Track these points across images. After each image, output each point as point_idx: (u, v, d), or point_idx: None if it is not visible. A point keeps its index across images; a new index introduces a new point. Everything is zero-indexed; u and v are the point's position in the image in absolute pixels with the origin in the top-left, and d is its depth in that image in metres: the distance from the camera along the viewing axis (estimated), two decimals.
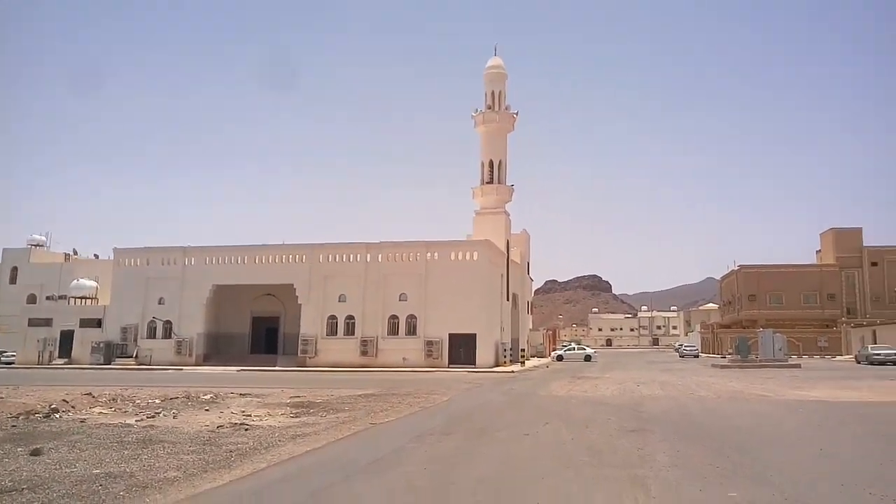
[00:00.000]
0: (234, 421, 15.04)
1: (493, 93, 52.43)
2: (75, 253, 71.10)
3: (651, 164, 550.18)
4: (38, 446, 10.33)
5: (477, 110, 52.16)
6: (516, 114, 52.50)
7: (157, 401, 19.99)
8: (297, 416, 16.34)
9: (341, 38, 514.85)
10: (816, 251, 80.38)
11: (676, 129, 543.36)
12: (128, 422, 14.92)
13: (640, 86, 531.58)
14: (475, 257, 42.71)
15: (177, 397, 20.88)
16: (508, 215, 51.00)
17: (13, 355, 49.64)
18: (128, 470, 8.80)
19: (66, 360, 47.67)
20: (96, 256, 67.95)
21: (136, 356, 46.36)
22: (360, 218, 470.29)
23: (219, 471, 8.88)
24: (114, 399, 19.97)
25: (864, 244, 74.61)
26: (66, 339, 48.54)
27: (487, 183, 50.74)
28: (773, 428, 13.71)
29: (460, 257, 42.94)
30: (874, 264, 73.28)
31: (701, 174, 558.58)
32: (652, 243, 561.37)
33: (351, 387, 26.02)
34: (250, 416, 16.68)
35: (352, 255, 44.44)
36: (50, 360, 47.85)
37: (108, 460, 9.50)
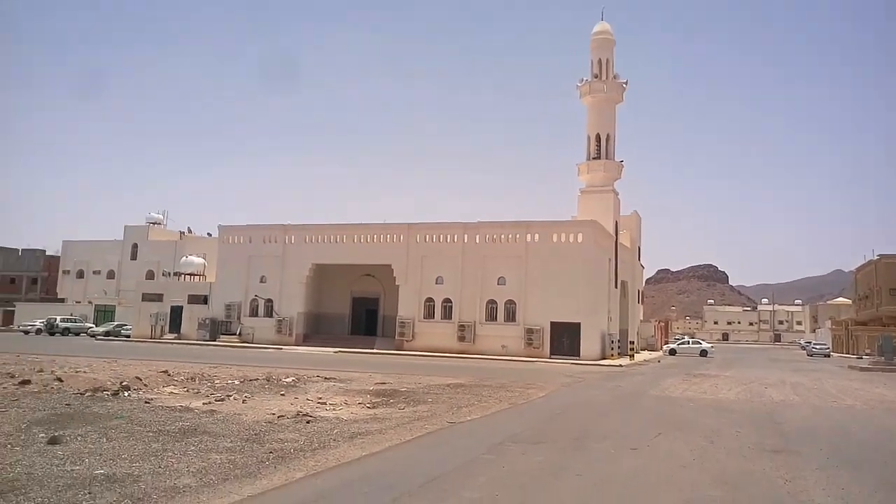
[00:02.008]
0: (301, 410, 13.59)
1: (599, 60, 48.76)
2: (190, 231, 74.09)
3: (775, 143, 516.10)
4: (60, 433, 9.11)
5: (582, 80, 48.74)
6: (625, 83, 48.63)
7: (235, 382, 19.09)
8: (373, 407, 14.77)
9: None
10: None
11: (803, 105, 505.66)
12: (192, 404, 13.83)
13: (765, 55, 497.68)
14: (580, 239, 39.80)
15: (257, 379, 19.90)
16: (617, 194, 47.48)
17: (130, 328, 51.85)
18: (138, 471, 7.29)
19: (175, 334, 49.05)
20: (209, 235, 70.25)
21: (240, 334, 46.92)
22: (460, 198, 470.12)
23: (243, 479, 7.20)
24: (191, 378, 19.18)
25: None
26: (176, 314, 49.95)
27: (594, 159, 47.30)
28: None
29: (563, 239, 40.15)
30: None
31: (830, 154, 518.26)
32: (774, 231, 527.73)
33: (442, 374, 24.40)
34: (325, 403, 15.32)
35: (449, 236, 42.64)
36: (161, 335, 49.42)
37: (126, 456, 8.08)
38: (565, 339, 39.19)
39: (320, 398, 16.30)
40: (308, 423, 11.73)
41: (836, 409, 16.60)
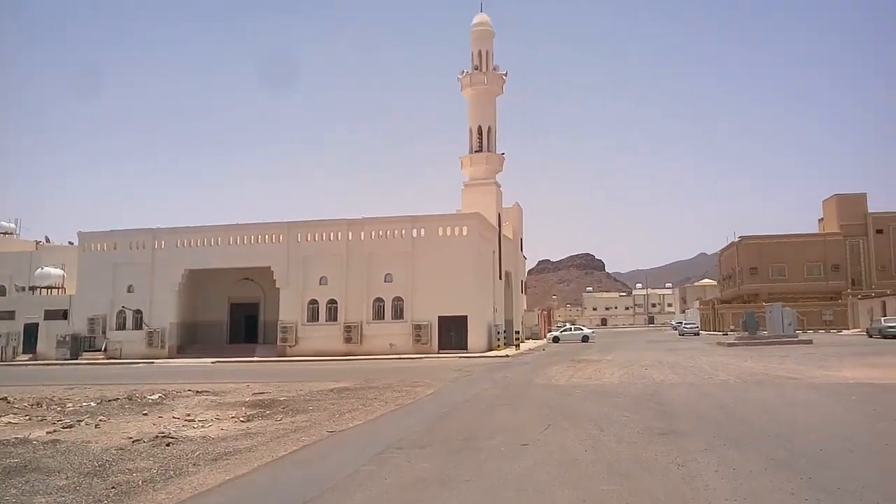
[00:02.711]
0: (164, 430, 12.21)
1: (480, 52, 48.96)
2: (48, 240, 67.73)
3: (641, 135, 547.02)
4: None
5: (463, 72, 48.81)
6: (505, 75, 49.10)
7: (91, 404, 17.14)
8: (247, 420, 13.58)
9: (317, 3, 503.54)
10: (819, 220, 77.79)
11: (668, 98, 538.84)
12: (32, 435, 12.07)
13: (633, 52, 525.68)
14: (465, 232, 39.69)
15: (117, 399, 18.00)
16: (499, 187, 47.90)
17: None
18: None
19: (31, 355, 44.54)
20: (71, 244, 64.63)
21: (105, 349, 43.24)
22: (342, 195, 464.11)
23: None
24: (38, 404, 17.04)
25: (869, 210, 71.93)
26: (31, 332, 45.39)
27: (476, 151, 47.45)
28: (834, 423, 10.96)
29: (449, 232, 39.90)
30: (879, 232, 70.71)
31: (692, 145, 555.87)
32: (643, 220, 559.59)
33: (327, 379, 23.29)
34: (193, 420, 13.96)
35: (332, 234, 41.27)
36: (13, 357, 44.68)
37: None
38: (453, 332, 39.01)
39: (188, 415, 14.86)
40: (168, 445, 10.43)
41: (713, 386, 17.08)
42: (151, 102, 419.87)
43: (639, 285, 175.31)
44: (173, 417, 14.54)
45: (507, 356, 35.88)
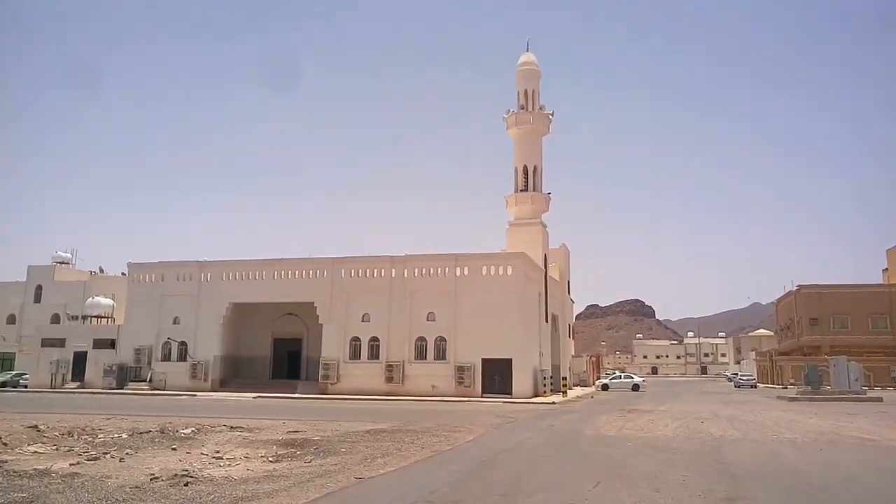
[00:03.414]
0: (188, 468, 11.58)
1: (525, 92, 48.70)
2: (101, 271, 69.48)
3: (693, 179, 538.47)
4: None
5: (509, 111, 48.51)
6: (552, 114, 48.63)
7: (123, 435, 16.72)
8: (276, 461, 12.86)
9: (357, 34, 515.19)
10: (883, 270, 74.09)
11: (723, 141, 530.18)
12: (54, 466, 11.60)
13: (687, 95, 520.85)
14: (509, 272, 38.76)
15: (150, 431, 17.55)
16: (545, 227, 46.96)
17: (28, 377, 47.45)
18: None
19: (78, 383, 45.09)
20: (123, 275, 66.09)
21: (150, 380, 43.46)
22: (386, 232, 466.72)
23: None
24: (69, 433, 16.69)
25: None
26: (80, 360, 46.01)
27: (522, 191, 46.79)
28: None
29: (493, 272, 39.02)
30: None
31: (746, 192, 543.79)
32: (695, 267, 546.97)
33: (365, 419, 22.50)
34: (221, 458, 13.32)
35: (375, 270, 40.85)
36: (63, 384, 45.32)
37: None
38: (497, 376, 37.81)
39: (217, 452, 14.25)
40: (186, 485, 9.76)
41: (779, 444, 15.65)
42: (198, 137, 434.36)
43: (690, 333, 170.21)
44: (202, 454, 13.95)
45: (553, 403, 34.47)
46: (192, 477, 10.48)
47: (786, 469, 11.69)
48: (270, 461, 12.97)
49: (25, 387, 46.42)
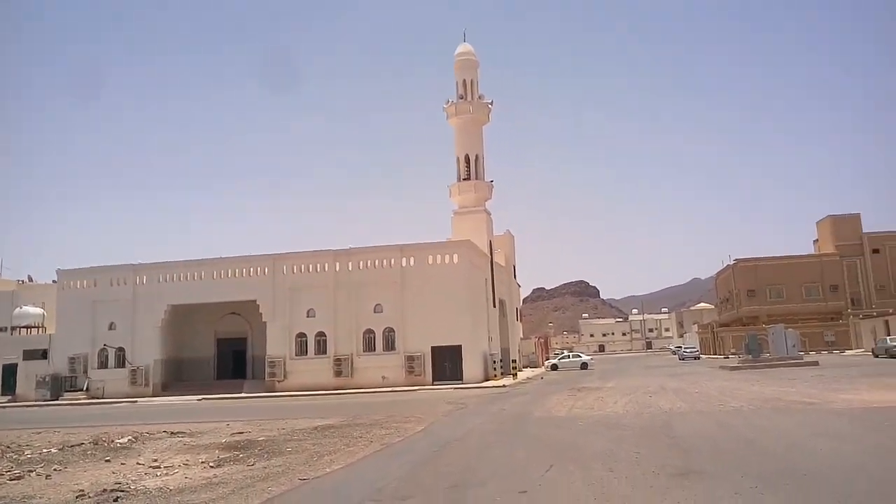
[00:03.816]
0: (121, 481, 10.89)
1: (464, 82, 48.45)
2: (30, 279, 66.20)
3: (630, 159, 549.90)
4: None
5: (448, 101, 48.20)
6: (491, 103, 48.55)
7: (52, 450, 15.73)
8: (217, 466, 12.25)
9: (305, 32, 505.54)
10: (814, 241, 77.03)
11: (657, 122, 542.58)
12: None
13: (621, 75, 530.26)
14: (455, 260, 38.53)
15: (81, 444, 16.58)
16: (489, 214, 46.93)
17: None
18: None
19: (10, 397, 42.84)
20: (54, 283, 63.18)
21: (87, 389, 41.62)
22: (330, 227, 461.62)
23: None
24: None
25: (864, 231, 71.28)
26: (10, 373, 43.77)
27: (465, 180, 46.61)
28: (882, 457, 9.71)
29: (439, 261, 38.71)
30: (876, 251, 69.92)
31: (683, 169, 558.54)
32: (635, 245, 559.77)
33: (313, 415, 21.90)
34: (158, 467, 12.63)
35: (319, 265, 39.99)
36: None
37: None
38: (447, 363, 37.63)
39: (155, 461, 13.51)
40: (115, 501, 9.11)
41: (725, 413, 15.82)
42: (131, 137, 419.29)
43: (634, 311, 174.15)
44: (137, 464, 13.21)
45: (504, 386, 34.48)
46: (122, 491, 9.81)
47: (734, 438, 11.73)
48: (211, 467, 12.35)
49: None
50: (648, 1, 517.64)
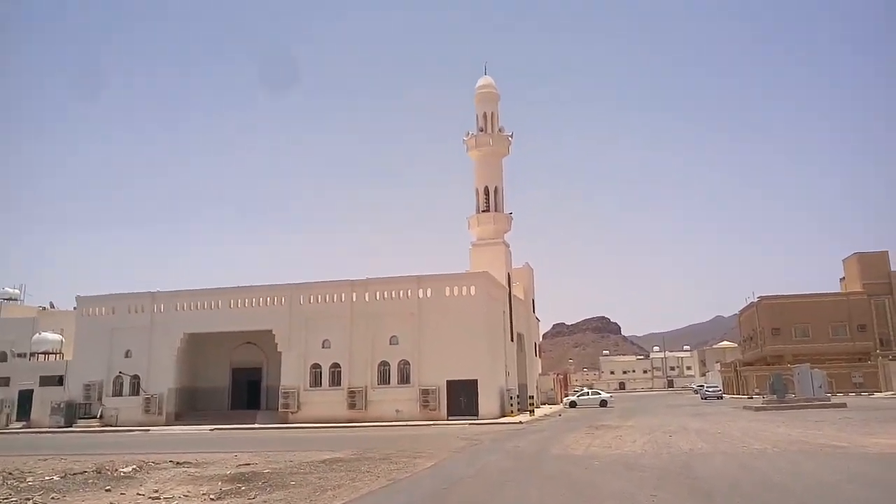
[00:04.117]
0: None
1: (484, 114, 48.52)
2: (52, 306, 66.71)
3: (653, 195, 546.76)
4: None
5: (468, 133, 48.23)
6: (511, 136, 48.52)
7: (55, 478, 15.44)
8: (217, 499, 11.92)
9: (320, 56, 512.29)
10: (840, 279, 75.44)
11: (682, 155, 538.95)
12: None
13: (644, 109, 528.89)
14: (473, 292, 38.04)
15: (84, 472, 16.26)
16: (508, 246, 46.52)
17: None
18: None
19: (24, 423, 42.79)
20: (75, 309, 63.61)
21: (101, 416, 41.44)
22: (346, 258, 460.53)
23: None
24: None
25: (893, 269, 69.64)
26: (26, 399, 43.77)
27: (483, 211, 46.36)
28: None
29: (456, 292, 38.24)
30: None
31: (707, 205, 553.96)
32: (657, 282, 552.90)
33: (323, 448, 21.44)
34: (159, 498, 12.35)
35: (335, 296, 39.73)
36: (7, 424, 42.95)
37: None
38: (463, 397, 36.91)
39: (156, 491, 13.17)
40: None
41: (749, 456, 15.12)
42: (148, 162, 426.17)
43: (656, 348, 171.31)
44: (138, 494, 12.89)
45: (520, 423, 33.71)
46: None
47: (759, 482, 11.09)
48: (212, 499, 11.99)
49: None
50: (676, 29, 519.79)
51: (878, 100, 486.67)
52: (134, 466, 17.25)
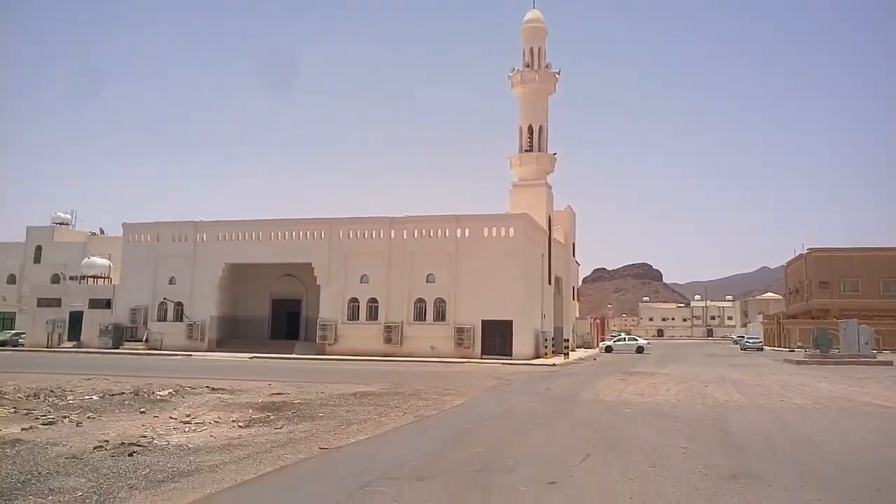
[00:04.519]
0: (144, 434, 10.70)
1: (531, 50, 46.80)
2: (102, 232, 68.57)
3: (701, 143, 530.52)
4: None
5: (514, 69, 46.72)
6: (558, 73, 46.83)
7: (94, 397, 15.90)
8: (246, 426, 12.02)
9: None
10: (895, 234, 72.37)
11: (733, 100, 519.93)
12: (2, 431, 10.73)
13: (699, 55, 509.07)
14: (511, 233, 37.58)
15: (122, 393, 16.72)
16: (550, 188, 45.58)
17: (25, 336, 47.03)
18: None
19: (75, 343, 44.59)
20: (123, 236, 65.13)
21: (146, 340, 42.87)
22: (387, 194, 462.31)
23: None
24: (35, 395, 15.86)
25: None
26: (76, 320, 45.46)
27: (527, 151, 45.25)
28: None
29: (494, 233, 37.85)
30: None
31: (757, 153, 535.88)
32: (703, 230, 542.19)
33: (356, 381, 21.69)
34: (189, 422, 12.53)
35: (374, 232, 39.75)
36: (59, 343, 44.85)
37: None
38: (497, 337, 36.95)
39: (188, 416, 13.40)
40: (130, 455, 8.83)
41: (787, 411, 14.63)
42: (186, 101, 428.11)
43: (697, 297, 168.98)
44: (170, 417, 13.12)
45: (553, 365, 33.64)
46: (140, 446, 9.55)
47: (796, 439, 10.67)
48: (240, 426, 12.10)
49: (22, 346, 46.03)
50: None
51: None
52: (170, 390, 17.66)
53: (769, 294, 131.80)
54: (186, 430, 11.66)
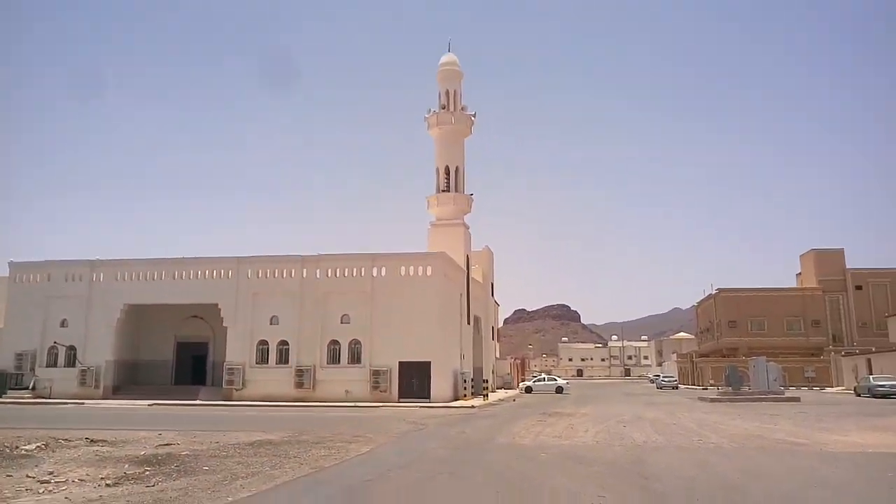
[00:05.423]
0: None
1: (447, 92, 47.02)
2: None
3: (615, 185, 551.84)
4: None
5: (430, 111, 46.73)
6: (474, 115, 47.14)
7: None
8: (114, 485, 10.52)
9: (293, 33, 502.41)
10: (797, 274, 76.18)
11: (645, 146, 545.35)
12: None
13: (609, 96, 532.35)
14: (429, 272, 36.76)
15: None
16: (468, 228, 45.30)
17: None
18: None
19: None
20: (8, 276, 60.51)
21: (34, 388, 39.21)
22: (302, 235, 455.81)
23: None
24: None
25: (847, 266, 70.52)
26: None
27: (444, 191, 45.00)
28: None
29: (412, 272, 36.93)
30: (858, 288, 69.13)
31: (668, 197, 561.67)
32: (618, 272, 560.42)
33: (258, 428, 20.08)
34: (49, 482, 10.86)
35: (285, 271, 38.04)
36: None
37: None
38: (415, 379, 35.74)
39: (50, 473, 11.70)
40: None
41: (705, 451, 14.19)
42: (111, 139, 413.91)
43: (614, 337, 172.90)
44: (27, 476, 11.44)
45: (472, 407, 32.68)
46: None
47: (717, 483, 10.07)
48: (107, 485, 10.58)
49: None
50: (644, 16, 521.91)
51: (840, 101, 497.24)
52: (39, 444, 15.63)
53: (682, 333, 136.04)
54: (41, 491, 10.10)
